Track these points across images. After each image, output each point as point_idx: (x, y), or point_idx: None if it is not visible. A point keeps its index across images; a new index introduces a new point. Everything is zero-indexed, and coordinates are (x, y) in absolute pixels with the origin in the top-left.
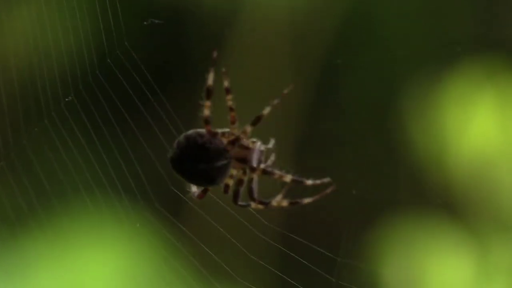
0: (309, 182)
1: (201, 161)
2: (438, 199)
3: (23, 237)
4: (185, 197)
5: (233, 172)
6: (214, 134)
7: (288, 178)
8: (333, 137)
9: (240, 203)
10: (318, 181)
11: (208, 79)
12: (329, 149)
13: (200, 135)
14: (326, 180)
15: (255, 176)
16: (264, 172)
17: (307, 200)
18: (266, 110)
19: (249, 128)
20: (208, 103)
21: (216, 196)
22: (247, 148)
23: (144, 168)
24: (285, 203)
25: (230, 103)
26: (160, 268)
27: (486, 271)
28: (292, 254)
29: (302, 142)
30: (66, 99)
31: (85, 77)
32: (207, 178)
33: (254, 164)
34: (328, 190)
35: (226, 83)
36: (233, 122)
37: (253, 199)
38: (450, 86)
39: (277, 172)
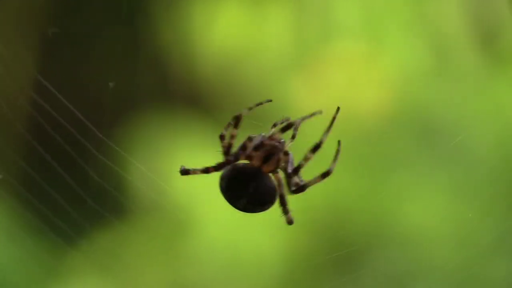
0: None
1: (242, 194)
2: (184, 92)
3: None
4: None
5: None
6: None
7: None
8: None
9: (299, 184)
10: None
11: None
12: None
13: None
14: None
15: (284, 158)
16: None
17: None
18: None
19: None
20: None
21: None
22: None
23: None
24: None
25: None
26: None
27: None
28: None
29: None
30: None
31: None
32: (260, 203)
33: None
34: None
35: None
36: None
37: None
38: None
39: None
